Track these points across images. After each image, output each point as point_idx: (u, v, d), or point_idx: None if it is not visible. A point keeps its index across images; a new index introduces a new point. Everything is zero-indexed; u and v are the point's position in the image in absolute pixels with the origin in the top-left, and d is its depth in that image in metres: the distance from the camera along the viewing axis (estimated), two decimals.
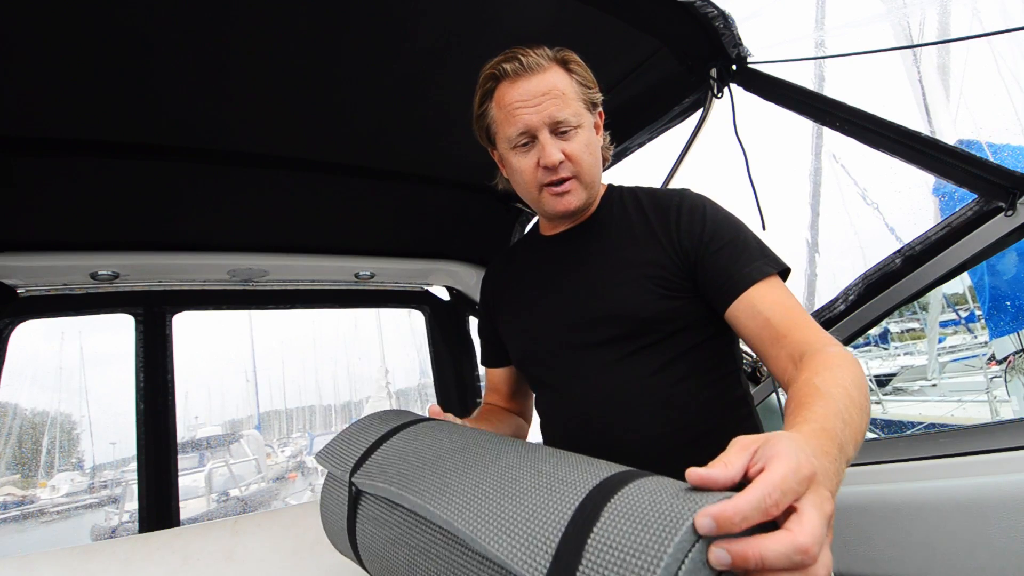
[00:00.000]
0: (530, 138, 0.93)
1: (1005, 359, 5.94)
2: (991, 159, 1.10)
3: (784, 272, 0.89)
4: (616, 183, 1.10)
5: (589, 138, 0.95)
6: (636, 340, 0.92)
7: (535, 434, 1.17)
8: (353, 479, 0.78)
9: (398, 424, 0.86)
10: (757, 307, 0.84)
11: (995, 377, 6.42)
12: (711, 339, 0.94)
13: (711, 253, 0.90)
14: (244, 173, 1.46)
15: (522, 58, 0.91)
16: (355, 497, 0.79)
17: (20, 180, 1.28)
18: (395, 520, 0.71)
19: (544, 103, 0.91)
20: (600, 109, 1.01)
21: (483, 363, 1.28)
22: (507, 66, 0.92)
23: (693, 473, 0.46)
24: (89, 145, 1.24)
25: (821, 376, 0.68)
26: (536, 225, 1.16)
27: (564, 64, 0.95)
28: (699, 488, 0.46)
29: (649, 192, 1.04)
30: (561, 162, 0.92)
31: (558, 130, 0.92)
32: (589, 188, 0.97)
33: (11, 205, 1.35)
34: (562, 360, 0.98)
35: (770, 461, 0.46)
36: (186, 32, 1.00)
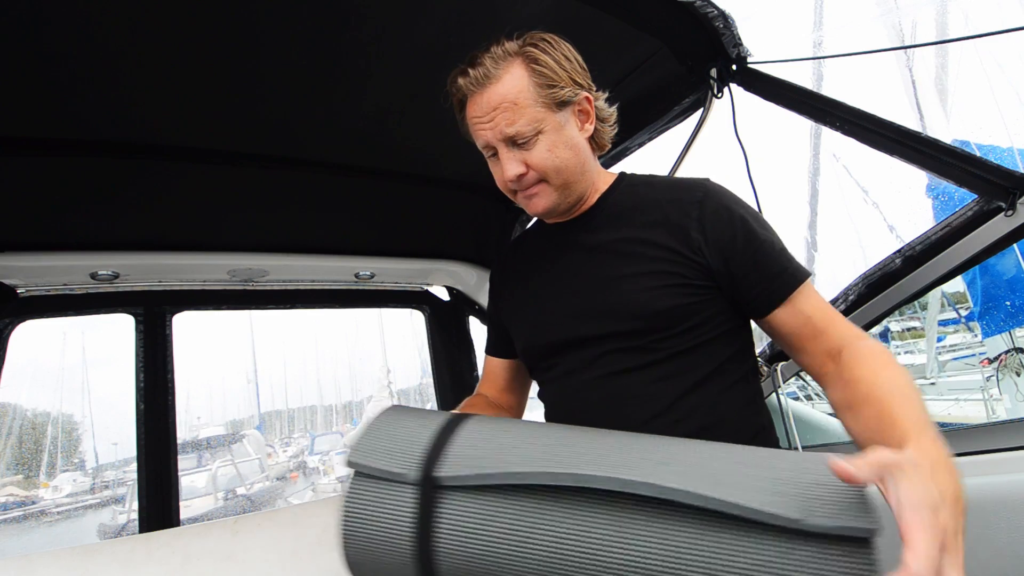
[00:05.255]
0: (493, 151, 0.93)
1: (997, 358, 5.99)
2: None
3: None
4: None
5: (553, 141, 0.90)
6: (641, 336, 0.89)
7: None
8: (436, 473, 0.63)
9: (449, 417, 0.74)
10: (799, 307, 0.87)
11: (991, 376, 6.45)
12: (720, 340, 0.92)
13: (747, 260, 0.89)
14: (244, 173, 1.46)
15: (471, 71, 0.89)
16: (429, 496, 0.64)
17: (20, 180, 1.28)
18: (526, 509, 0.59)
19: (495, 118, 0.88)
20: (584, 95, 0.94)
21: (487, 351, 1.25)
22: (461, 81, 0.91)
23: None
24: (89, 145, 1.24)
25: (888, 373, 0.72)
26: None
27: (528, 59, 0.89)
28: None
29: (668, 183, 1.01)
30: (522, 174, 0.91)
31: (515, 142, 0.89)
32: (563, 188, 0.94)
33: (11, 205, 1.35)
34: (565, 353, 0.97)
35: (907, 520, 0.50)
36: (186, 32, 1.00)
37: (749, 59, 1.27)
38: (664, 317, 0.89)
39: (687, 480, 0.53)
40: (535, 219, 1.15)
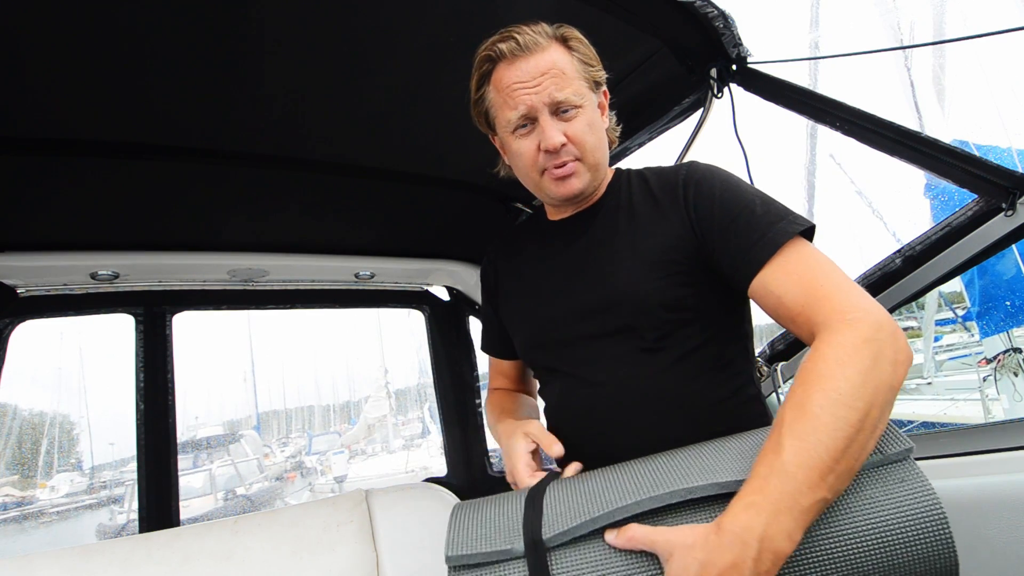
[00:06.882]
0: (530, 121, 0.90)
1: (995, 358, 5.99)
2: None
3: (808, 231, 0.82)
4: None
5: (592, 118, 0.92)
6: (647, 330, 0.88)
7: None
8: (543, 537, 0.65)
9: (530, 489, 0.76)
10: (769, 287, 0.80)
11: (987, 376, 6.44)
12: (724, 333, 0.91)
13: (721, 232, 0.85)
14: (244, 173, 1.46)
15: (518, 37, 0.88)
16: (541, 562, 0.65)
17: (20, 180, 1.28)
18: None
19: (543, 83, 0.88)
20: (604, 88, 0.98)
21: (483, 349, 1.24)
22: (503, 46, 0.89)
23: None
24: (89, 145, 1.23)
25: (803, 393, 0.65)
26: (541, 209, 1.13)
27: (564, 41, 0.92)
28: None
29: (657, 171, 1.00)
30: (563, 145, 0.89)
31: (559, 111, 0.89)
32: (594, 170, 0.94)
33: (11, 205, 1.35)
34: (571, 349, 0.95)
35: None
36: (186, 32, 0.99)
37: (749, 59, 1.27)
38: (662, 308, 0.87)
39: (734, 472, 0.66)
40: (526, 216, 1.13)
